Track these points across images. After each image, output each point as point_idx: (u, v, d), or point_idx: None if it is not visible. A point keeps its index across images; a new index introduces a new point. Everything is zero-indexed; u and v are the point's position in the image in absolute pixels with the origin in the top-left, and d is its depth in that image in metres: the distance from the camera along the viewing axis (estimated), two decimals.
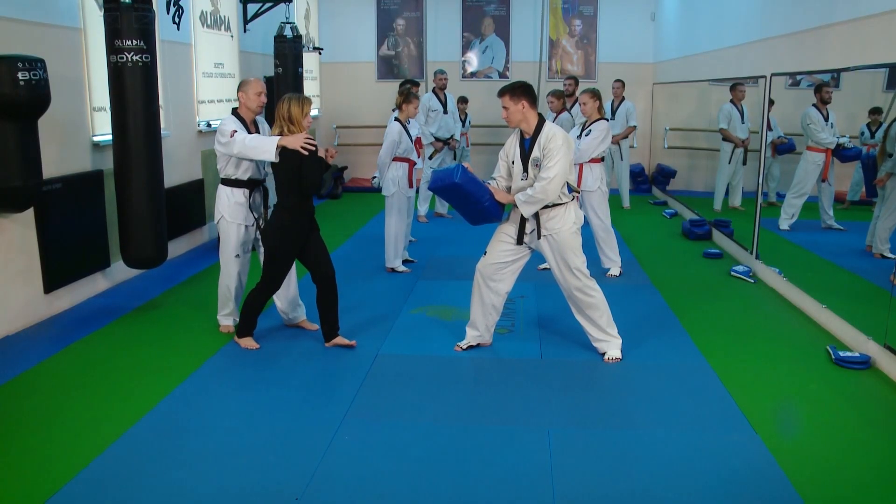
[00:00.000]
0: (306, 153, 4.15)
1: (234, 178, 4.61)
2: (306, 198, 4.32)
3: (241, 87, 4.67)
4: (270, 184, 4.70)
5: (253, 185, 4.65)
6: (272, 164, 4.30)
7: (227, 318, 4.86)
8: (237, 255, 4.69)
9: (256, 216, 4.69)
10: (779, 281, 5.95)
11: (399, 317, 5.18)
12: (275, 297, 4.76)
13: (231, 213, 4.62)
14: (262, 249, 4.75)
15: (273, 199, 4.65)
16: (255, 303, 4.47)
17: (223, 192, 4.64)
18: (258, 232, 4.71)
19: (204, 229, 7.41)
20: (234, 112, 4.63)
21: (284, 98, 4.29)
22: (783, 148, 7.05)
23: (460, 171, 4.13)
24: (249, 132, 4.52)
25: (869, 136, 6.00)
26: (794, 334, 4.96)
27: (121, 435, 3.42)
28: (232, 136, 4.39)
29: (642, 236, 8.03)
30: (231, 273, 4.73)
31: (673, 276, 6.37)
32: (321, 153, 4.36)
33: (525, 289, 5.71)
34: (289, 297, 4.78)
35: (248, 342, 4.53)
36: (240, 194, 4.62)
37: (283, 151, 4.19)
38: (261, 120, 4.76)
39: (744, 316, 5.34)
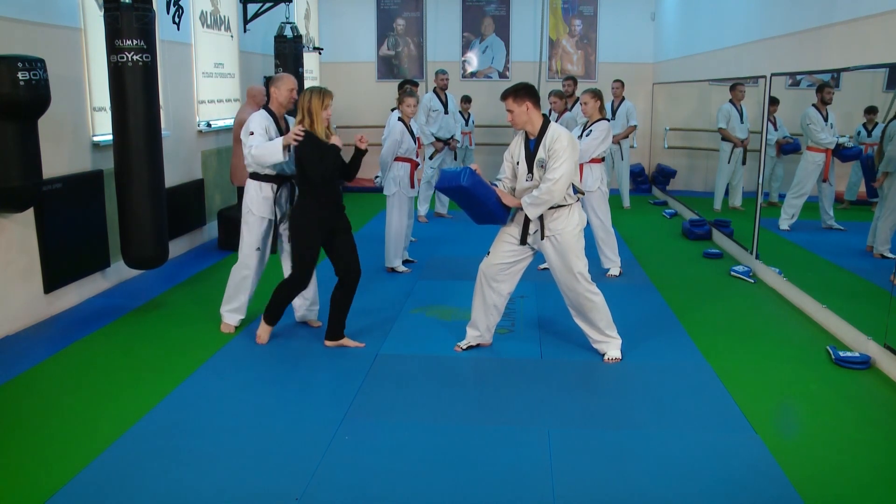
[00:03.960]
0: (295, 143, 4.23)
1: (262, 172, 4.64)
2: (320, 186, 4.32)
3: (273, 82, 4.72)
4: None
5: (281, 180, 4.69)
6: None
7: (231, 316, 4.85)
8: (258, 249, 4.72)
9: (281, 212, 4.72)
10: (779, 281, 5.95)
11: (399, 317, 5.18)
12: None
13: (258, 206, 4.66)
14: (283, 247, 4.78)
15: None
16: (281, 292, 4.51)
17: (252, 185, 4.69)
18: (281, 229, 4.74)
19: (204, 229, 7.41)
20: (266, 107, 4.70)
21: (307, 90, 4.33)
22: (788, 148, 7.06)
23: (468, 174, 4.13)
24: (279, 127, 4.63)
25: (866, 135, 6.01)
26: (794, 334, 4.96)
27: (121, 435, 3.42)
28: (251, 135, 4.51)
29: (642, 236, 8.03)
30: (249, 265, 4.74)
31: (673, 276, 6.37)
32: (355, 140, 4.42)
33: (525, 289, 5.71)
34: (308, 294, 4.85)
35: (262, 331, 4.59)
36: (268, 188, 4.66)
37: (304, 147, 4.27)
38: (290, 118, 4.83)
39: (744, 316, 5.34)
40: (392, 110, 6.50)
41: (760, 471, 3.19)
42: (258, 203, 4.65)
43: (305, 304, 4.90)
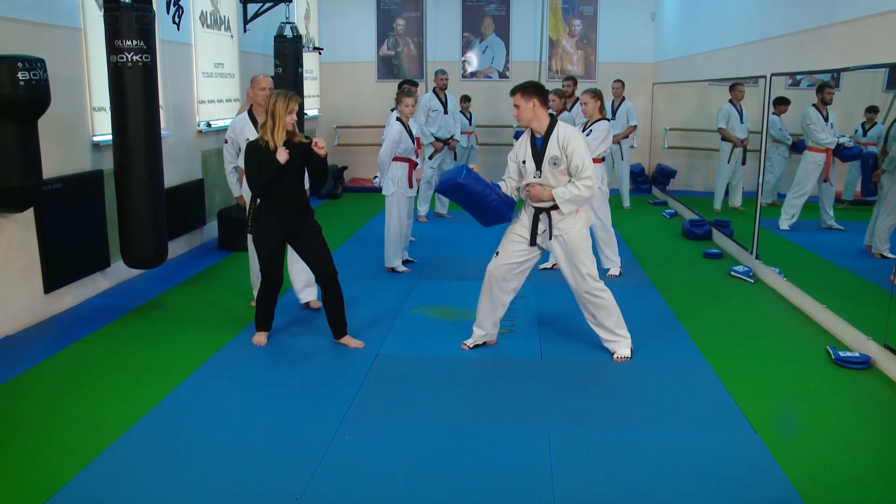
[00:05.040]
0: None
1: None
2: (265, 196, 4.35)
3: (250, 84, 5.06)
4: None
5: None
6: None
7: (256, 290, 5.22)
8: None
9: None
10: (779, 281, 5.95)
11: (399, 317, 5.18)
12: (292, 280, 5.24)
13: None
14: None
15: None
16: (259, 297, 4.61)
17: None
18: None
19: (204, 229, 7.41)
20: (250, 111, 4.98)
21: (274, 93, 4.32)
22: (801, 146, 7.05)
23: (465, 172, 4.18)
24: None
25: (862, 134, 6.02)
26: (794, 334, 4.95)
27: (121, 435, 3.42)
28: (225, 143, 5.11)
29: (642, 236, 8.03)
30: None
31: (673, 276, 6.37)
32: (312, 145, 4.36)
33: (525, 289, 5.69)
34: (303, 280, 5.22)
35: (257, 337, 4.64)
36: None
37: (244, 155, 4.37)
38: None
39: (744, 316, 5.34)
40: (392, 110, 6.50)
41: (760, 471, 3.19)
42: None
43: (299, 289, 5.22)
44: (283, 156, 4.21)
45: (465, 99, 9.44)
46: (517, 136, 4.41)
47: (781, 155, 7.09)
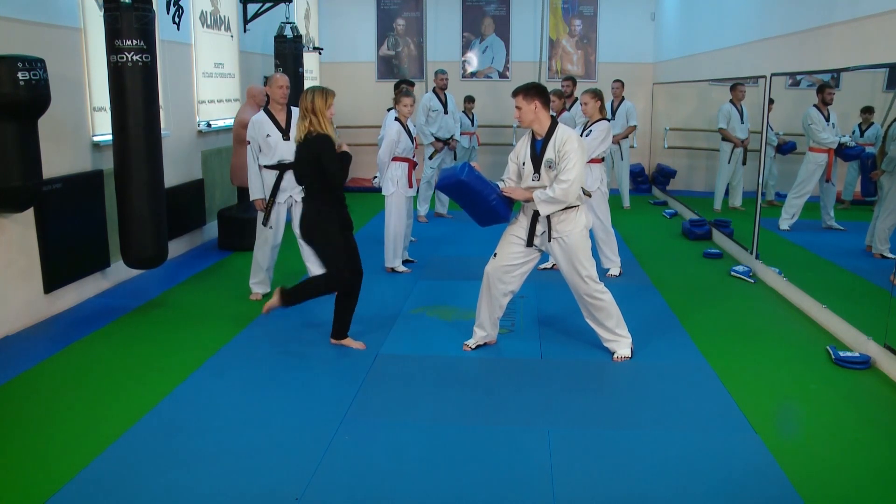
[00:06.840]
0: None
1: (264, 164, 5.35)
2: (330, 189, 4.31)
3: (267, 83, 5.43)
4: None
5: (283, 168, 5.27)
6: (295, 160, 4.43)
7: (257, 286, 5.53)
8: (270, 227, 5.37)
9: (288, 195, 5.33)
10: (779, 281, 5.95)
11: (399, 317, 5.18)
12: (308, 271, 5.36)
13: (268, 190, 5.36)
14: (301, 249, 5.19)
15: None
16: (312, 283, 4.47)
17: (265, 173, 5.38)
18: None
19: (204, 229, 7.41)
20: (266, 108, 5.24)
21: (308, 90, 4.32)
22: (786, 148, 7.05)
23: (466, 169, 4.18)
24: (279, 125, 5.30)
25: (859, 135, 6.02)
26: (794, 334, 4.95)
27: (121, 435, 3.42)
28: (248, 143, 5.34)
29: (642, 236, 8.03)
30: (262, 241, 5.41)
31: (673, 277, 6.37)
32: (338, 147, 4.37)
33: (525, 289, 5.69)
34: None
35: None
36: (270, 176, 5.34)
37: (300, 146, 4.29)
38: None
39: (744, 316, 5.34)
40: (388, 110, 6.48)
41: (760, 471, 3.19)
42: (268, 188, 5.33)
43: (313, 269, 5.30)
44: (345, 146, 4.37)
45: (469, 100, 9.43)
46: None
47: (768, 156, 7.09)
